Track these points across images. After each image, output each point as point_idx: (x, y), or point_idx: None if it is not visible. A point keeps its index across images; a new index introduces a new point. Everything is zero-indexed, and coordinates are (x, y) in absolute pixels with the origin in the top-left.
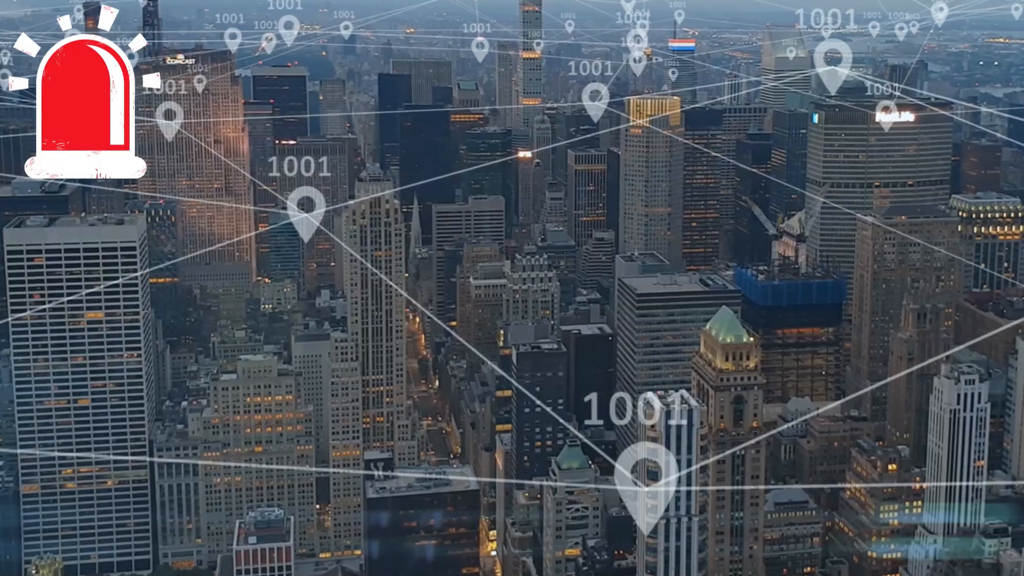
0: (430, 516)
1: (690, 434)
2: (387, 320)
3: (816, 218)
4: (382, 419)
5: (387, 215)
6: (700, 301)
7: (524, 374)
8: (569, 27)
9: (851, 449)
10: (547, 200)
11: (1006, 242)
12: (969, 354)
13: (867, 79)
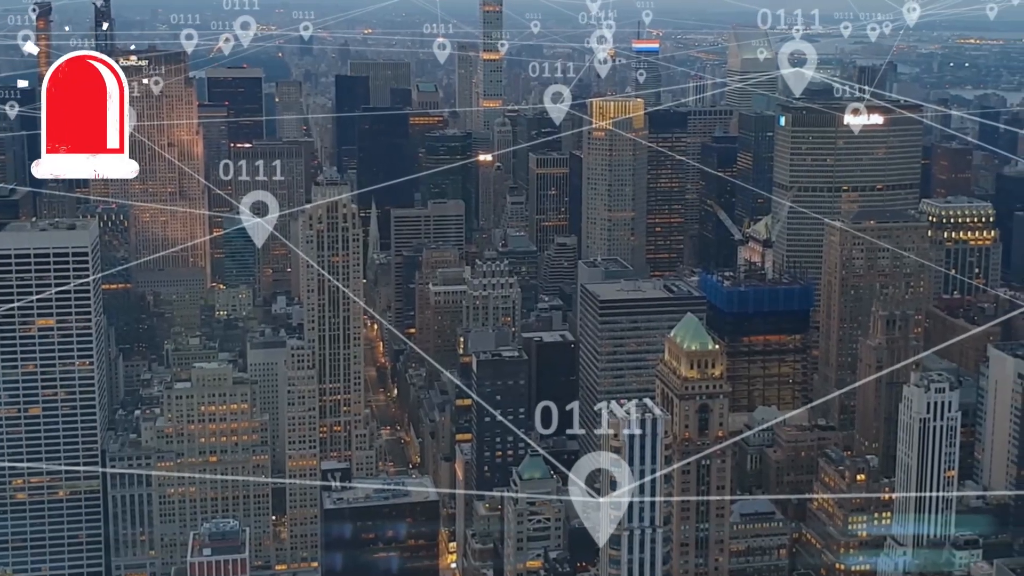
0: (389, 527)
1: (654, 444)
2: (344, 327)
3: (783, 223)
4: (339, 428)
5: (344, 219)
6: (664, 308)
7: (484, 382)
8: (535, 28)
9: (819, 459)
10: (508, 204)
11: (977, 247)
12: (939, 362)
13: (834, 81)
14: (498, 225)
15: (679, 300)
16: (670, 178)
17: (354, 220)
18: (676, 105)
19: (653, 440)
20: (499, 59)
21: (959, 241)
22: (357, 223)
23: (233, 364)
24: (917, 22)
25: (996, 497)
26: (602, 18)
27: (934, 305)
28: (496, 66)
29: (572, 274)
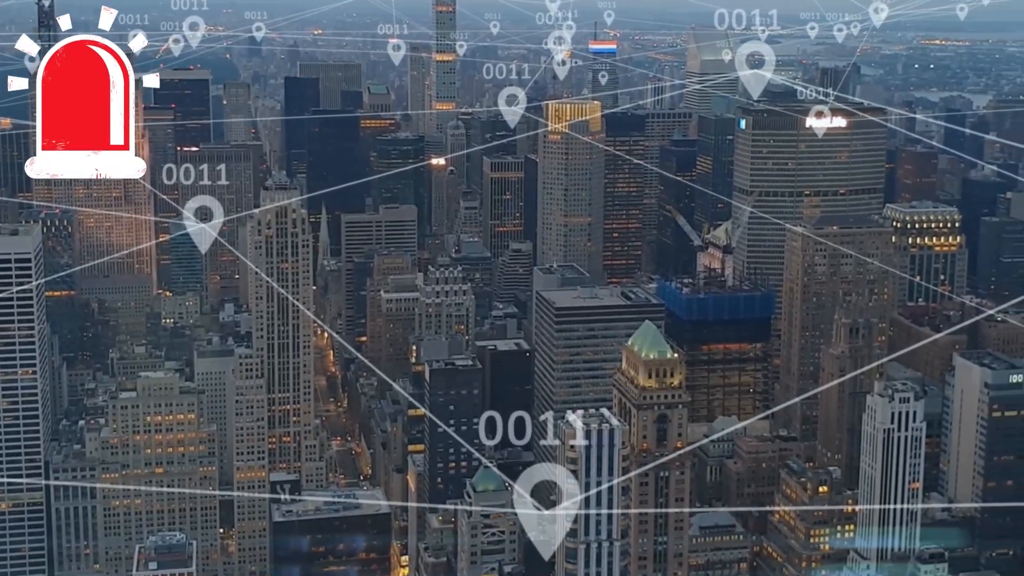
0: (339, 541)
1: (611, 455)
2: (294, 335)
3: (743, 228)
4: (289, 439)
5: (294, 225)
6: (622, 315)
7: (437, 392)
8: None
9: (780, 470)
10: (461, 209)
11: (942, 253)
12: (904, 371)
13: (795, 84)
14: (451, 231)
15: (637, 308)
16: (628, 182)
17: (304, 225)
18: (634, 108)
19: (610, 451)
20: (452, 60)
21: (924, 247)
22: (307, 228)
23: (180, 373)
24: (882, 22)
25: (962, 509)
26: (561, 18)
27: (898, 313)
28: (449, 68)
29: (527, 281)
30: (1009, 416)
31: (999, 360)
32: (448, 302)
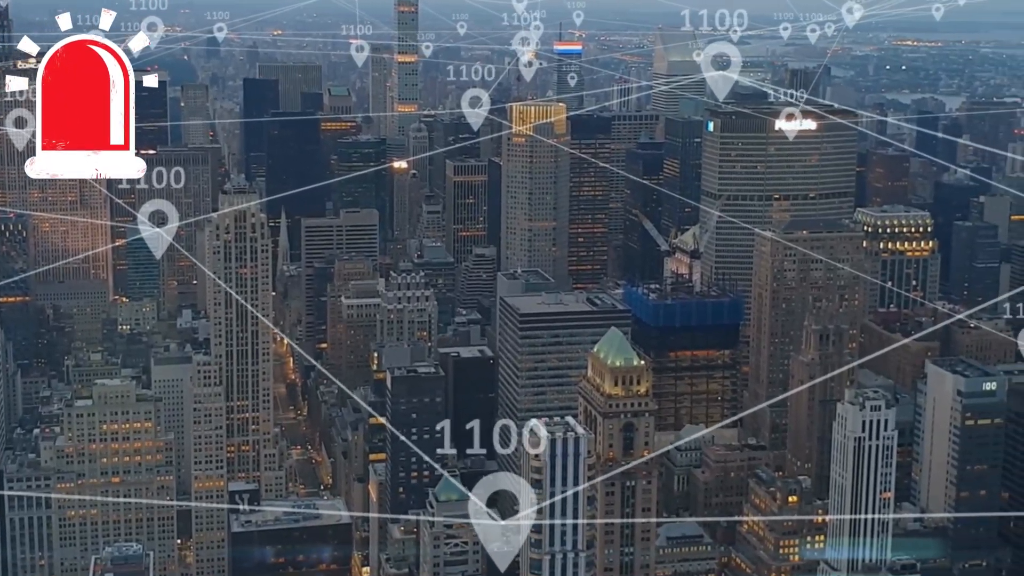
0: (299, 552)
1: (576, 464)
2: (253, 342)
3: (711, 233)
4: (247, 448)
5: (253, 229)
6: (587, 322)
7: (399, 400)
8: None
9: (749, 480)
10: (424, 214)
11: (914, 258)
12: (875, 379)
13: (762, 85)
14: (414, 235)
15: (603, 314)
16: (593, 186)
17: (263, 230)
18: (600, 110)
19: (575, 460)
20: (415, 62)
21: (896, 252)
22: (266, 233)
23: (136, 381)
24: (855, 23)
25: (934, 520)
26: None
27: (869, 319)
28: (412, 69)
29: (491, 286)
30: (982, 424)
31: (972, 367)
32: (410, 308)
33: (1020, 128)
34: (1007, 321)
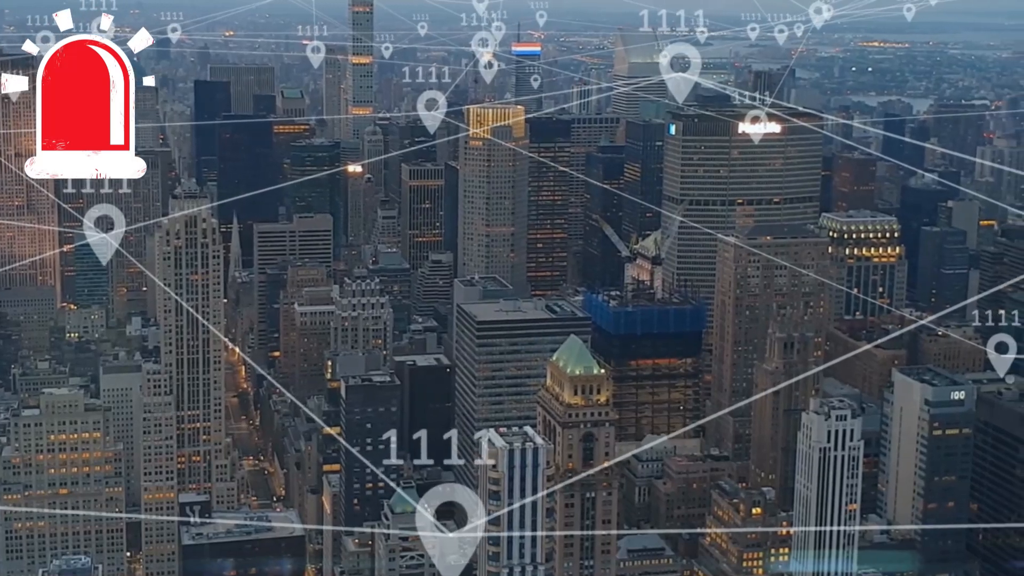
0: (252, 565)
1: (535, 475)
2: (204, 350)
3: (673, 238)
4: (198, 458)
5: (204, 235)
6: (546, 329)
7: (354, 409)
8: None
9: (711, 491)
10: (379, 219)
11: (880, 264)
12: (841, 388)
13: (724, 88)
14: (368, 241)
15: (562, 321)
16: (552, 190)
17: (214, 235)
18: (559, 112)
19: (534, 471)
20: (369, 63)
21: (862, 258)
22: (217, 239)
23: (85, 390)
24: (823, 24)
25: (901, 532)
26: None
27: (835, 327)
28: (366, 71)
29: (447, 293)
30: (950, 434)
31: (940, 376)
32: (365, 315)
33: (990, 131)
34: (976, 328)
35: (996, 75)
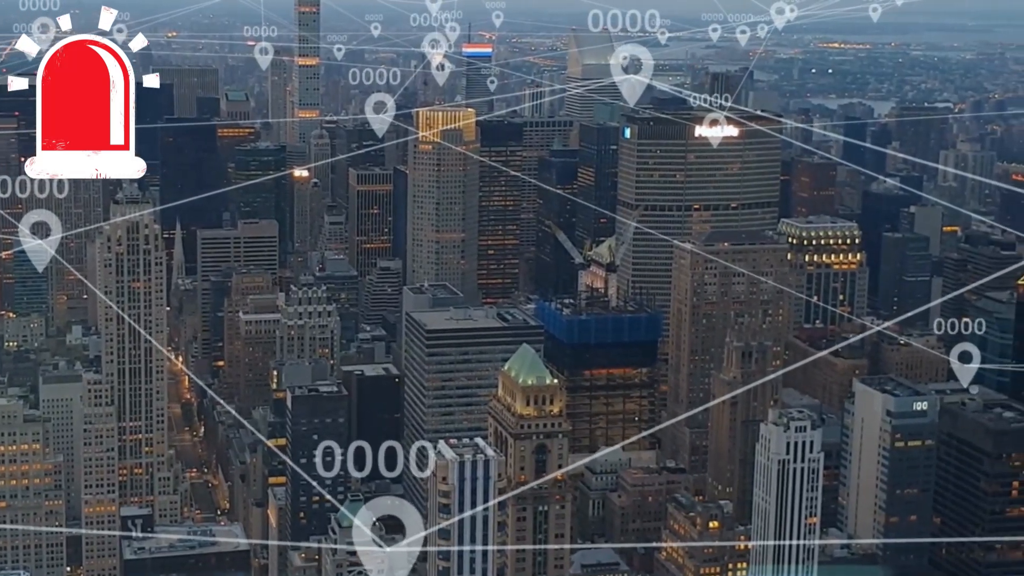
0: None
1: (486, 487)
2: (146, 359)
3: (628, 245)
4: (141, 471)
5: (146, 241)
6: (498, 338)
7: (300, 420)
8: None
9: (667, 504)
10: (326, 224)
11: (841, 272)
12: (800, 398)
13: (680, 91)
14: (315, 247)
15: (514, 330)
16: (504, 196)
17: (157, 242)
18: (510, 115)
19: (485, 484)
20: (316, 65)
21: (822, 265)
22: (160, 245)
23: (24, 400)
24: (784, 24)
25: (863, 546)
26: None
27: (794, 335)
28: (313, 72)
29: (396, 301)
30: (913, 446)
31: (902, 386)
32: (311, 324)
33: (953, 135)
34: (939, 338)
35: (960, 77)
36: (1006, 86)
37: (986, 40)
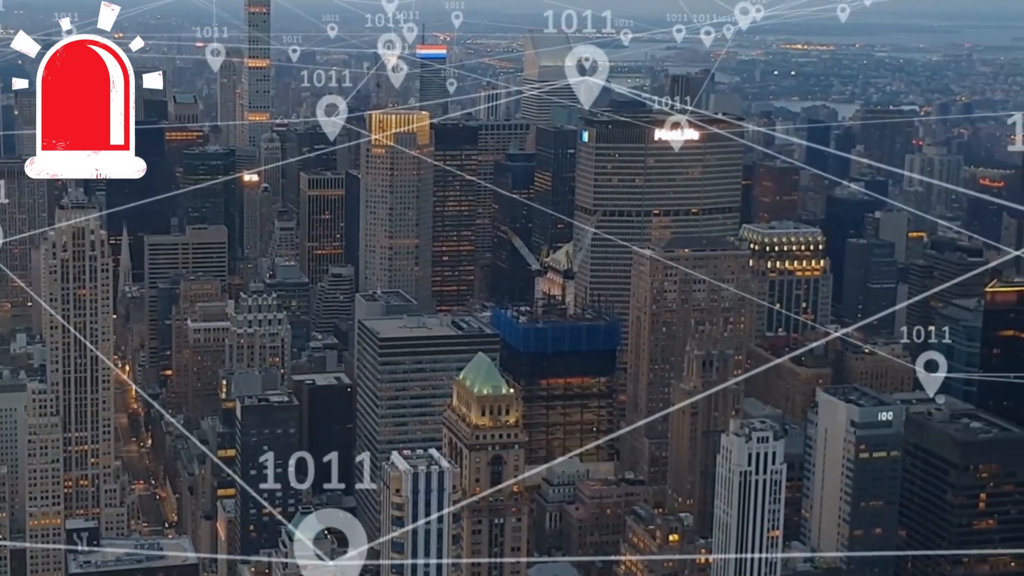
0: None
1: (440, 499)
2: (92, 369)
3: (586, 251)
4: (86, 482)
5: (92, 247)
6: (452, 347)
7: (250, 431)
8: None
9: (626, 517)
10: (276, 230)
11: (804, 279)
12: (762, 408)
13: (639, 94)
14: (265, 254)
15: (469, 338)
16: (459, 201)
17: (103, 248)
18: (465, 118)
19: (439, 496)
20: (267, 67)
21: (784, 271)
22: (106, 251)
23: None
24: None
25: (826, 560)
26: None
27: (756, 344)
28: (263, 74)
29: (348, 309)
30: (877, 457)
31: (867, 396)
32: (261, 332)
33: (919, 138)
34: (904, 346)
35: (926, 79)
36: (973, 88)
37: (953, 41)
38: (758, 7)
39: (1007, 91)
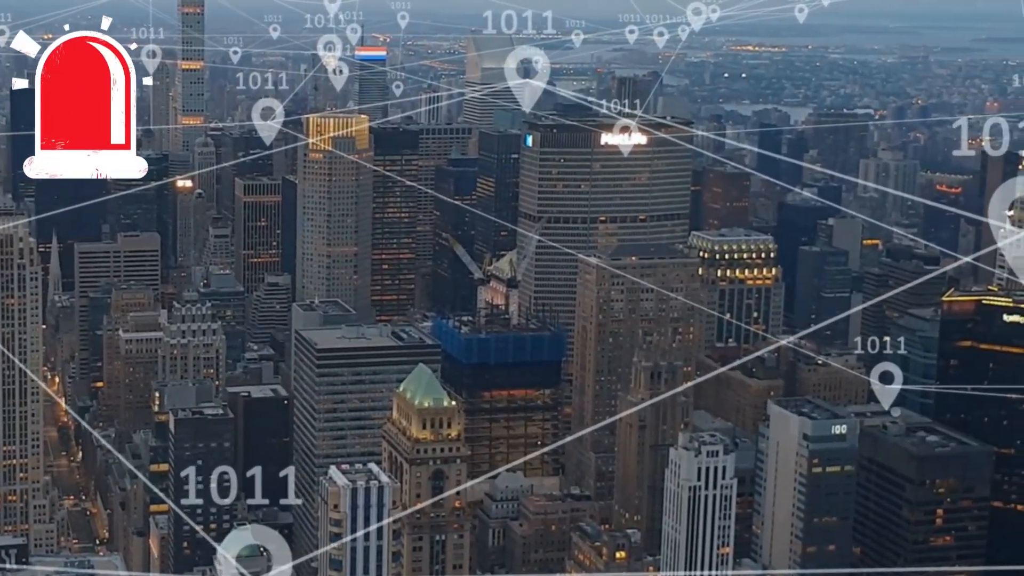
0: None
1: (380, 515)
2: (20, 381)
3: (530, 259)
4: (14, 498)
5: (20, 255)
6: (393, 358)
7: (183, 444)
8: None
9: (572, 533)
10: (211, 237)
11: (755, 288)
12: (712, 421)
13: (584, 98)
14: (199, 262)
15: (409, 349)
16: (399, 207)
17: (32, 256)
18: (406, 122)
19: (378, 511)
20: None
21: (735, 280)
22: (35, 259)
23: None
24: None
25: None
26: (339, 21)
27: (706, 355)
28: (197, 77)
29: (285, 319)
30: (831, 472)
31: (819, 408)
32: (195, 343)
33: (874, 142)
34: (858, 357)
35: (880, 82)
36: (930, 91)
37: (908, 43)
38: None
39: (964, 94)
